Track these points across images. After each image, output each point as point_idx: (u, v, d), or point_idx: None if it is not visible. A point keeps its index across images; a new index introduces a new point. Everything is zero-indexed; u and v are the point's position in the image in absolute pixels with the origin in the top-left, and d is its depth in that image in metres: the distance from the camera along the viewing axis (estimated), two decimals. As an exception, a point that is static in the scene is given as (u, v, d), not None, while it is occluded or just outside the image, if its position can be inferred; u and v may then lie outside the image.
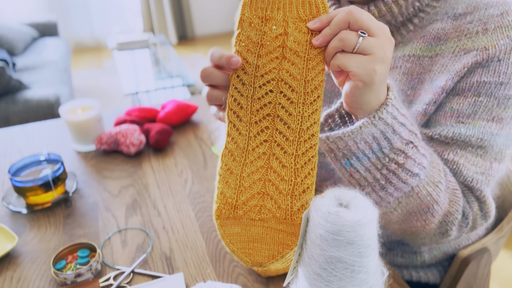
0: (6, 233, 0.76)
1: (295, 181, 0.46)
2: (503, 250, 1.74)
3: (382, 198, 0.56)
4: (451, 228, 0.63)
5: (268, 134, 0.48)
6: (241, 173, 0.47)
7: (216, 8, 4.72)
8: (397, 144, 0.51)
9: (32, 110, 2.19)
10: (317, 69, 0.48)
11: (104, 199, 0.87)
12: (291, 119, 0.48)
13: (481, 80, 0.60)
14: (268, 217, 0.45)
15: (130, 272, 0.69)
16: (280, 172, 0.46)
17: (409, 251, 0.80)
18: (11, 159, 1.02)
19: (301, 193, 0.46)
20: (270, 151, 0.47)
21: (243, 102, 0.49)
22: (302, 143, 0.47)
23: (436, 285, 0.82)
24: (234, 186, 0.47)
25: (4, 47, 2.79)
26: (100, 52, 4.44)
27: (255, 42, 0.49)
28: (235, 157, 0.48)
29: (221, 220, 0.46)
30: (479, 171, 0.62)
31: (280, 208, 0.45)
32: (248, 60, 0.49)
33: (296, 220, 0.45)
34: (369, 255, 0.42)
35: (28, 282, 0.68)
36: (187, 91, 2.71)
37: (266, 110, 0.48)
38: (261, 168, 0.47)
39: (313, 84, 0.48)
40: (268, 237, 0.45)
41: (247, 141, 0.48)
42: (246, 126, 0.48)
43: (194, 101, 1.25)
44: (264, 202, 0.46)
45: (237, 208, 0.46)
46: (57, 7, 4.24)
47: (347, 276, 0.42)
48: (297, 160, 0.46)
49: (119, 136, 1.00)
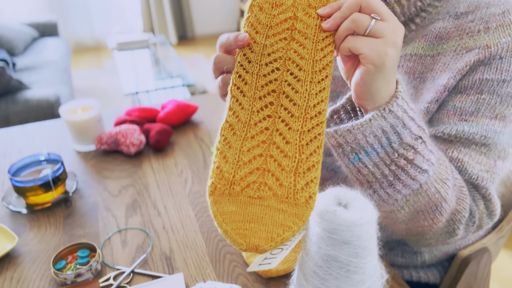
0: (6, 233, 0.76)
1: (300, 158, 0.43)
2: (503, 250, 1.74)
3: (389, 195, 0.55)
4: (458, 227, 0.62)
5: (272, 110, 0.46)
6: (241, 147, 0.44)
7: (216, 8, 4.72)
8: (407, 138, 0.50)
9: (32, 110, 2.19)
10: (325, 51, 0.48)
11: (104, 199, 0.87)
12: (297, 96, 0.46)
13: (483, 77, 0.60)
14: (268, 195, 0.42)
15: (130, 272, 0.69)
16: (284, 148, 0.44)
17: (409, 251, 0.80)
18: (11, 159, 1.02)
19: (305, 170, 0.42)
20: (273, 126, 0.45)
21: (248, 78, 0.48)
22: (308, 120, 0.45)
23: (436, 285, 0.82)
24: (232, 160, 0.43)
25: (4, 47, 2.79)
26: (100, 52, 4.44)
27: (264, 24, 0.49)
28: (236, 131, 0.45)
29: (215, 196, 0.42)
30: (483, 169, 0.62)
31: (282, 185, 0.42)
32: (256, 40, 0.49)
33: (299, 200, 0.41)
34: (366, 257, 0.42)
35: (28, 282, 0.68)
36: (187, 91, 2.71)
37: (271, 87, 0.47)
38: (262, 143, 0.44)
39: (321, 64, 0.47)
40: (267, 217, 0.41)
41: (250, 116, 0.46)
42: (249, 101, 0.47)
43: (194, 101, 1.25)
44: (264, 178, 0.42)
45: (234, 184, 0.42)
46: (57, 7, 4.24)
47: (342, 276, 0.42)
48: (302, 137, 0.44)
49: (119, 136, 1.00)
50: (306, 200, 0.40)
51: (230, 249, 0.73)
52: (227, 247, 0.74)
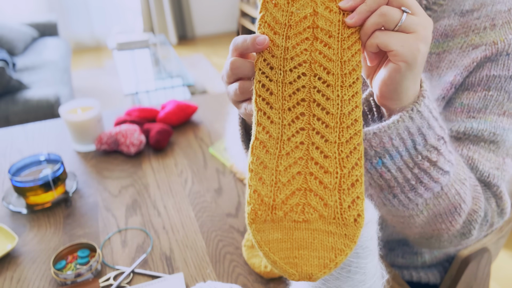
0: (6, 233, 0.76)
1: (342, 172, 0.40)
2: (503, 250, 1.74)
3: (410, 200, 0.52)
4: (474, 227, 0.61)
5: (305, 121, 0.42)
6: (277, 166, 0.40)
7: (216, 8, 4.72)
8: (431, 140, 0.48)
9: (32, 110, 2.19)
10: (353, 49, 0.44)
11: (104, 199, 0.87)
12: (330, 104, 0.42)
13: (490, 74, 0.60)
14: (313, 217, 0.38)
15: (130, 272, 0.69)
16: (323, 163, 0.40)
17: (409, 251, 0.80)
18: (11, 159, 1.02)
19: (349, 186, 0.39)
20: (308, 140, 0.41)
21: (273, 87, 0.43)
22: (345, 130, 0.41)
23: (436, 285, 0.82)
24: (270, 182, 0.40)
25: (4, 47, 2.79)
26: (100, 52, 4.44)
27: (282, 23, 0.45)
28: (268, 149, 0.41)
29: (257, 224, 0.38)
30: (493, 166, 0.61)
31: (328, 205, 0.39)
32: (276, 42, 0.44)
33: (348, 219, 0.38)
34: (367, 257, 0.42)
35: (28, 282, 0.68)
36: (187, 91, 2.71)
37: (300, 95, 0.43)
38: (300, 160, 0.41)
39: (350, 65, 0.43)
40: (316, 242, 0.38)
41: (281, 130, 0.42)
42: (278, 113, 0.43)
43: (194, 101, 1.25)
44: (307, 199, 0.39)
45: (275, 208, 0.39)
46: (57, 7, 4.24)
47: (343, 276, 0.42)
48: (341, 149, 0.41)
49: (119, 136, 1.00)
50: (355, 219, 0.38)
51: (230, 249, 0.73)
52: (227, 247, 0.74)
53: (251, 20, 4.38)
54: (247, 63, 0.46)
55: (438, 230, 0.59)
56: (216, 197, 0.87)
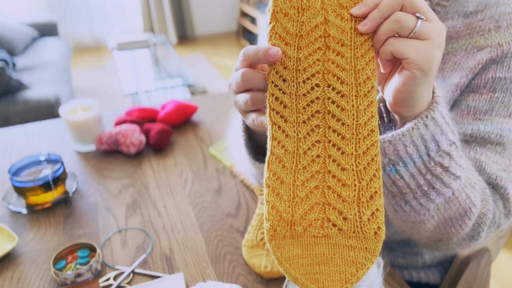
0: (6, 233, 0.76)
1: (360, 185, 0.39)
2: (503, 250, 1.74)
3: (422, 206, 0.52)
4: (483, 230, 0.61)
5: (320, 134, 0.42)
6: (294, 181, 0.40)
7: (216, 8, 4.72)
8: (444, 145, 0.48)
9: (32, 110, 2.19)
10: (366, 57, 0.43)
11: (104, 199, 0.87)
12: (345, 114, 0.42)
13: (496, 76, 0.60)
14: (333, 231, 0.38)
15: (130, 272, 0.69)
16: (341, 176, 0.40)
17: (410, 252, 0.80)
18: (11, 159, 1.02)
19: (368, 199, 0.39)
20: (325, 152, 0.41)
21: (287, 100, 0.43)
22: (361, 140, 0.41)
23: (436, 285, 0.82)
24: (288, 197, 0.39)
25: (4, 47, 2.79)
26: (100, 52, 4.44)
27: (293, 34, 0.44)
28: (285, 163, 0.41)
29: (277, 240, 0.38)
30: (500, 168, 0.61)
31: (347, 219, 0.38)
32: (287, 54, 0.44)
33: (368, 233, 0.38)
34: None
35: (28, 282, 0.68)
36: (187, 91, 2.71)
37: (314, 107, 0.42)
38: (317, 174, 0.40)
39: (364, 74, 0.42)
40: (337, 257, 0.37)
41: (297, 144, 0.42)
42: (293, 126, 0.42)
43: (194, 101, 1.25)
44: (326, 214, 0.39)
45: (294, 224, 0.39)
46: (57, 7, 4.24)
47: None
48: (359, 161, 0.40)
49: (119, 136, 1.00)
50: (375, 232, 0.38)
51: (230, 249, 0.73)
52: (227, 247, 0.74)
53: (251, 20, 4.38)
54: (258, 75, 0.45)
55: (448, 233, 0.59)
56: (216, 197, 0.87)
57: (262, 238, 0.73)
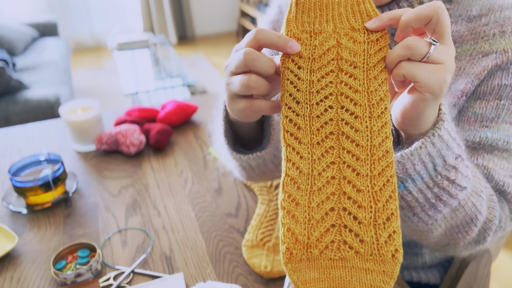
0: (6, 233, 0.76)
1: (376, 207, 0.39)
2: (503, 250, 1.74)
3: (430, 217, 0.53)
4: (489, 234, 0.62)
5: (335, 155, 0.42)
6: (309, 203, 0.40)
7: (216, 8, 4.72)
8: (450, 160, 0.48)
9: (32, 110, 2.19)
10: (379, 79, 0.43)
11: (104, 199, 0.87)
12: (359, 136, 0.42)
13: (502, 83, 0.60)
14: (350, 254, 0.38)
15: (130, 272, 0.69)
16: (356, 198, 0.40)
17: (410, 252, 0.80)
18: (11, 159, 1.02)
19: (385, 221, 0.38)
20: (339, 174, 0.41)
21: (300, 122, 0.43)
22: (376, 162, 0.40)
23: (436, 285, 0.82)
24: (303, 220, 0.39)
25: (4, 47, 2.79)
26: (100, 52, 4.44)
27: (305, 57, 0.44)
28: (299, 185, 0.41)
29: (293, 264, 0.38)
30: (507, 174, 0.62)
31: (364, 242, 0.38)
32: (301, 77, 0.44)
33: (385, 255, 0.37)
34: None
35: (28, 282, 0.68)
36: (187, 91, 2.71)
37: (328, 128, 0.43)
38: (332, 195, 0.40)
39: (377, 95, 0.42)
40: (354, 280, 0.37)
41: (311, 165, 0.41)
42: (307, 148, 0.42)
43: (194, 101, 1.25)
44: (343, 236, 0.39)
45: (310, 247, 0.38)
46: (57, 7, 4.24)
47: None
48: (374, 182, 0.40)
49: (119, 136, 1.00)
50: (393, 254, 0.37)
51: (230, 249, 0.73)
52: (227, 247, 0.74)
53: (251, 20, 4.38)
54: (264, 58, 0.44)
55: (455, 239, 0.60)
56: (216, 197, 0.87)
57: (262, 238, 0.73)
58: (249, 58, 0.44)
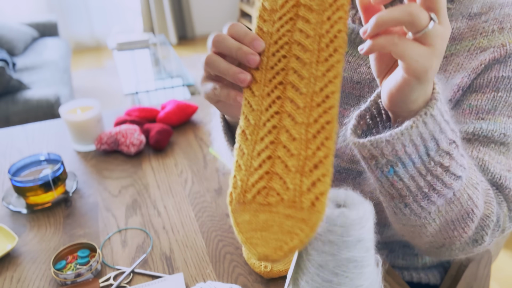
0: (6, 233, 0.76)
1: (306, 154, 0.38)
2: (503, 250, 1.74)
3: (423, 209, 0.51)
4: (486, 233, 0.59)
5: (279, 105, 0.41)
6: (252, 152, 0.41)
7: (216, 8, 4.72)
8: (443, 144, 0.46)
9: (32, 110, 2.19)
10: (333, 18, 0.41)
11: (104, 199, 0.87)
12: (303, 83, 0.41)
13: (499, 75, 0.59)
14: (276, 200, 0.38)
15: (130, 272, 0.69)
16: (290, 146, 0.40)
17: (410, 253, 0.80)
18: (11, 159, 1.02)
19: (312, 168, 0.38)
20: (280, 123, 0.41)
21: (258, 75, 0.43)
22: (314, 108, 0.40)
23: (437, 285, 0.82)
24: (245, 167, 0.41)
25: (4, 47, 2.79)
26: (100, 52, 4.44)
27: (269, 10, 0.45)
28: (247, 136, 0.42)
29: (232, 206, 0.40)
30: (504, 168, 0.60)
31: (288, 189, 0.38)
32: (264, 30, 0.44)
33: (304, 203, 0.37)
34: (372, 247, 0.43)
35: (28, 282, 0.68)
36: (187, 91, 2.71)
37: (278, 78, 0.42)
38: (271, 144, 0.41)
39: (328, 37, 0.41)
40: (275, 225, 0.37)
41: (259, 116, 0.42)
42: (259, 100, 0.42)
43: (194, 101, 1.25)
44: (272, 183, 0.39)
45: (246, 191, 0.40)
46: (57, 7, 4.24)
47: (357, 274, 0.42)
48: (309, 130, 0.39)
49: (119, 136, 1.00)
50: (312, 202, 0.36)
51: (230, 249, 0.73)
52: (227, 247, 0.74)
53: (251, 20, 4.38)
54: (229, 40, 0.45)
55: (450, 238, 0.57)
56: (216, 197, 0.87)
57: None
58: (219, 39, 0.45)
